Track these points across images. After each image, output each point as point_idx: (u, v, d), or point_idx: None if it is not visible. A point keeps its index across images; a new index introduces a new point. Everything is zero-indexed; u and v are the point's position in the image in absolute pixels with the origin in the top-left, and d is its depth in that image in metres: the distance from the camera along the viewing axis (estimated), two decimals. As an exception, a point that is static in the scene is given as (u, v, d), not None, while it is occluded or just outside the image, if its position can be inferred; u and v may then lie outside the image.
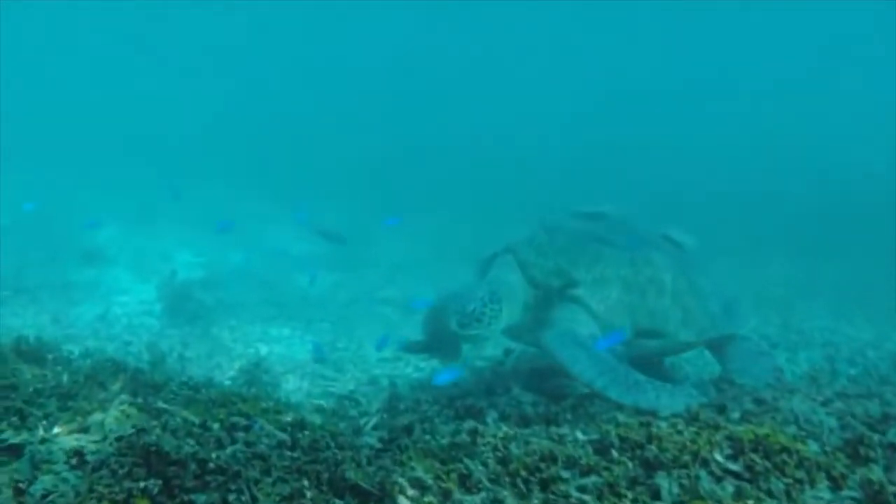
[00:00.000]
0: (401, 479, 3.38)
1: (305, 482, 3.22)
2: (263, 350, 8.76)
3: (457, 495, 3.38)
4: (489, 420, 5.04)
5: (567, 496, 3.41)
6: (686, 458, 3.74)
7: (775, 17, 38.11)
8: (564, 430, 4.52)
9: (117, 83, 40.27)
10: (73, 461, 3.33)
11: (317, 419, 4.61)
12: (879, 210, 18.02)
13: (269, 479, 3.27)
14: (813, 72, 41.33)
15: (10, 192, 17.10)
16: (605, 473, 3.59)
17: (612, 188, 20.22)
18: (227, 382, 6.76)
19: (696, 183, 23.20)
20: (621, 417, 4.68)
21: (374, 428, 4.71)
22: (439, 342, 6.25)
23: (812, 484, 3.63)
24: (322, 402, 6.50)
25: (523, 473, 3.54)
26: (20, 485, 3.06)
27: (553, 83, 43.21)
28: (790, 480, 3.62)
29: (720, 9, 37.11)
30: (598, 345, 5.35)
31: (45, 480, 3.24)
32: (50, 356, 5.40)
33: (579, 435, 4.33)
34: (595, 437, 4.26)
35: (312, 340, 9.36)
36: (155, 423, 3.91)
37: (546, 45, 44.53)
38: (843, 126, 33.82)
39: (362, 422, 4.82)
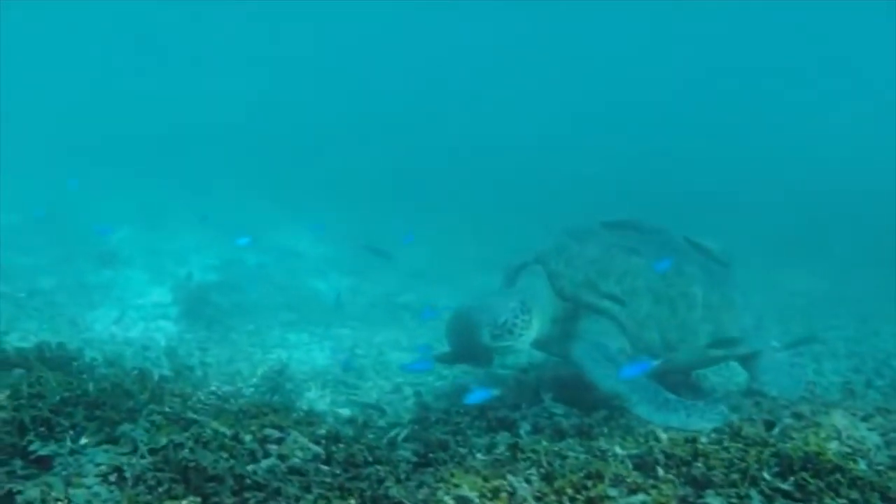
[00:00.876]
0: (446, 497, 3.28)
1: (352, 501, 3.11)
2: (283, 356, 8.62)
3: (504, 514, 3.28)
4: (522, 432, 4.93)
5: (616, 516, 3.32)
6: (735, 476, 3.63)
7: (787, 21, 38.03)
8: (602, 443, 4.41)
9: (122, 83, 40.15)
10: (112, 476, 3.22)
11: (348, 431, 4.51)
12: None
13: (310, 496, 3.17)
14: (830, 76, 41.17)
15: (13, 192, 17.07)
16: (653, 492, 3.48)
17: (625, 195, 20.05)
18: (251, 390, 6.66)
19: (712, 192, 23.03)
20: (659, 431, 4.58)
21: (405, 440, 4.59)
22: (467, 352, 6.13)
23: (867, 505, 3.51)
24: (347, 410, 6.40)
25: (569, 491, 3.44)
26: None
27: (566, 89, 43.07)
28: (844, 501, 3.50)
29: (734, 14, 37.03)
30: (624, 373, 5.24)
31: (78, 495, 3.15)
32: (74, 363, 5.32)
33: (618, 450, 4.23)
34: (634, 451, 4.15)
35: (334, 348, 9.25)
36: (186, 434, 3.81)
37: (560, 50, 44.47)
38: (863, 134, 33.56)
39: (393, 433, 4.70)
